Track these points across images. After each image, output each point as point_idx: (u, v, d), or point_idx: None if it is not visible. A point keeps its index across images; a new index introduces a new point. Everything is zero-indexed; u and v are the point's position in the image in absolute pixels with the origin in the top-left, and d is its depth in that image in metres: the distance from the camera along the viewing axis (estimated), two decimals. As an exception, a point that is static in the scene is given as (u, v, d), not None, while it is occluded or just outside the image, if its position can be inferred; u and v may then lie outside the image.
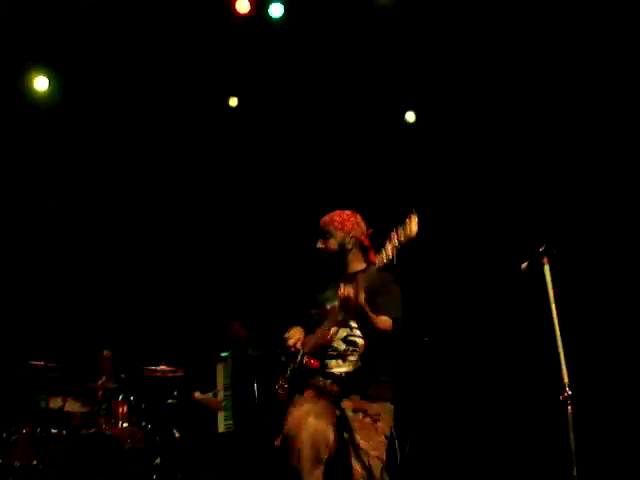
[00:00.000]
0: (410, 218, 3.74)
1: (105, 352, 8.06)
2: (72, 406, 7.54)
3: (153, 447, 7.44)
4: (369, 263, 4.16)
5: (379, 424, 4.03)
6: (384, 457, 4.00)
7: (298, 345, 4.22)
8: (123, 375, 7.82)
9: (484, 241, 7.74)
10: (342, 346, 4.15)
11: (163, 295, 8.93)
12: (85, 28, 7.58)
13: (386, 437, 4.05)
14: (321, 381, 4.13)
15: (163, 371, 7.55)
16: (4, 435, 7.22)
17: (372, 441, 3.96)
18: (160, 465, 7.33)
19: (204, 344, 8.20)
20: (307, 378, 4.14)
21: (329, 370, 4.14)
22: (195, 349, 8.26)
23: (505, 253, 6.16)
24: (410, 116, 8.42)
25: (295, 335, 4.30)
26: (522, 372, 7.03)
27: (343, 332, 4.14)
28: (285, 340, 4.29)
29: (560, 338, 3.74)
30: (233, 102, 8.47)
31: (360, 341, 4.13)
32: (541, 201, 7.28)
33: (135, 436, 7.41)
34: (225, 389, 7.51)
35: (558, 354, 3.72)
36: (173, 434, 7.57)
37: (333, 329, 4.11)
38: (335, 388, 4.09)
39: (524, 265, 4.01)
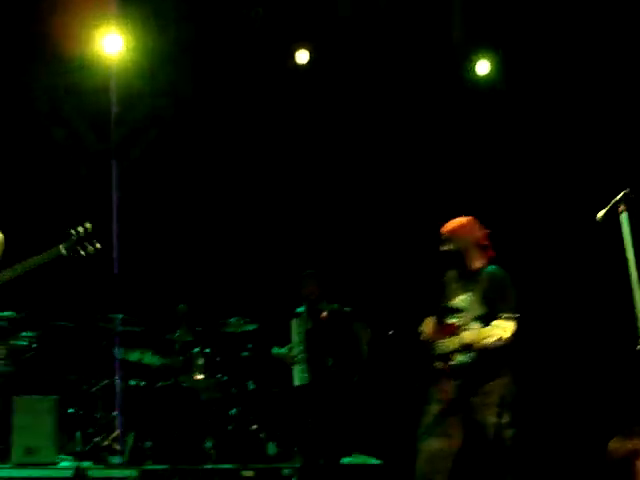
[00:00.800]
0: None
1: (182, 306, 8.20)
2: (150, 359, 7.72)
3: (229, 398, 7.57)
4: (487, 260, 4.75)
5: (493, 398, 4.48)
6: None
7: (431, 336, 4.69)
8: (199, 328, 7.94)
9: (561, 190, 7.59)
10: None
11: (240, 249, 8.97)
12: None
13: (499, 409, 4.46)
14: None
15: (237, 325, 7.66)
16: (85, 387, 7.45)
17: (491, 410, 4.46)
18: (236, 416, 7.45)
19: (279, 299, 8.23)
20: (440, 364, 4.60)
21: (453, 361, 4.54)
22: (270, 304, 8.32)
23: (581, 202, 5.98)
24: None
25: (429, 326, 4.78)
26: (598, 322, 6.92)
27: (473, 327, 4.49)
28: (420, 332, 4.82)
29: (637, 288, 3.63)
30: None
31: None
32: (619, 147, 7.08)
33: (211, 387, 7.54)
34: (300, 344, 7.52)
35: (634, 305, 3.61)
36: (248, 386, 7.66)
37: (459, 322, 4.56)
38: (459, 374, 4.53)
39: (600, 214, 3.89)
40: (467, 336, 4.37)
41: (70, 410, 7.34)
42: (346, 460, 7.07)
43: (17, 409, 6.84)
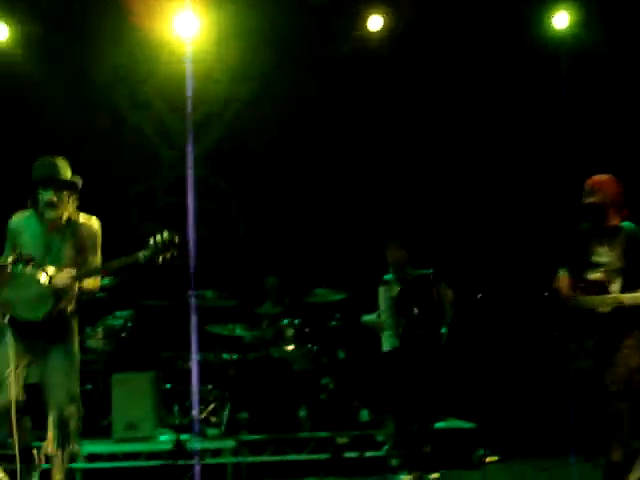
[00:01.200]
0: None
1: (271, 279, 8.30)
2: (241, 332, 7.86)
3: (320, 368, 7.64)
4: (623, 218, 4.93)
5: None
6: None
7: (570, 291, 4.89)
8: (287, 300, 8.02)
9: None
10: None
11: (325, 219, 8.98)
12: None
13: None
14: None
15: (325, 295, 7.70)
16: (180, 363, 7.65)
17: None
18: (328, 384, 7.51)
19: (366, 267, 8.20)
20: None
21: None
22: (357, 273, 8.30)
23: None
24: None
25: (564, 281, 4.96)
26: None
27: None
28: (555, 284, 5.01)
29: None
30: None
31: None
32: None
33: (302, 358, 7.62)
34: (387, 309, 7.48)
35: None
36: (338, 355, 7.71)
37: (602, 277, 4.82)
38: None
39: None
40: (626, 299, 4.68)
41: (167, 385, 7.55)
42: (439, 425, 7.03)
43: (116, 386, 7.09)
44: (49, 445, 4.61)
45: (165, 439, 6.99)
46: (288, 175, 9.03)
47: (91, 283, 4.85)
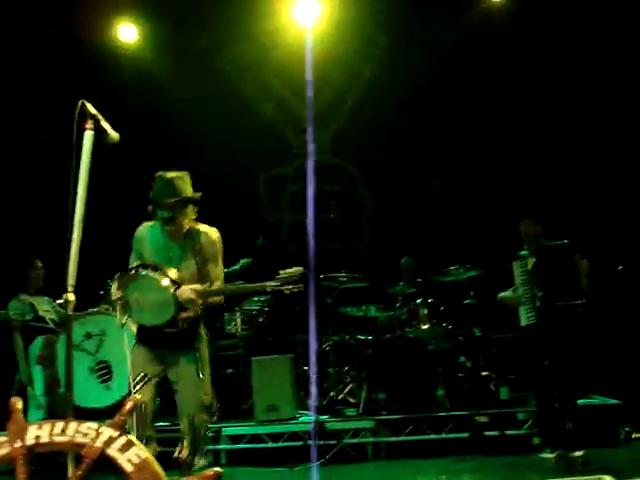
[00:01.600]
0: None
1: (406, 259, 8.27)
2: (375, 313, 7.89)
3: (456, 346, 7.56)
4: None
5: None
6: None
7: None
8: (420, 279, 7.97)
9: None
10: None
11: (457, 196, 8.86)
12: None
13: None
14: None
15: (458, 272, 7.60)
16: (317, 345, 7.75)
17: None
18: (465, 363, 7.43)
19: (499, 243, 8.03)
20: None
21: None
22: (491, 249, 8.15)
23: None
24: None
25: None
26: None
27: None
28: None
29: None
30: None
31: None
32: None
33: (438, 337, 7.57)
34: (523, 283, 7.30)
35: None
36: (474, 333, 7.61)
37: None
38: None
39: None
40: None
41: (304, 367, 7.69)
42: (582, 401, 6.81)
43: (256, 369, 7.29)
44: (182, 451, 4.62)
45: (305, 420, 7.12)
46: (416, 154, 8.96)
47: (215, 299, 4.83)
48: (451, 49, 8.65)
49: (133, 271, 4.61)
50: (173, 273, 4.64)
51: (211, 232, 4.88)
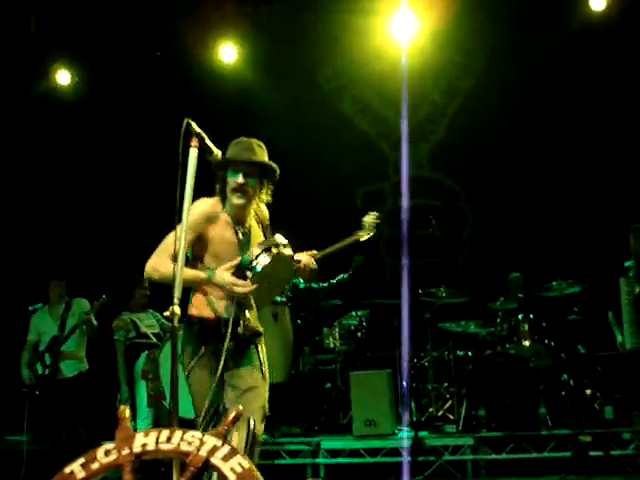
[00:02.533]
0: None
1: (515, 275, 8.10)
2: (475, 328, 7.80)
3: (559, 364, 7.39)
4: None
5: None
6: None
7: None
8: (521, 294, 7.83)
9: None
10: None
11: (558, 208, 8.70)
12: None
13: None
14: None
15: (560, 288, 7.43)
16: (415, 360, 7.73)
17: None
18: (568, 381, 7.25)
19: (604, 257, 7.83)
20: None
21: None
22: (595, 263, 7.95)
23: None
24: None
25: None
26: None
27: None
28: None
29: None
30: None
31: None
32: None
33: (539, 353, 7.41)
34: (629, 304, 7.07)
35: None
36: (578, 350, 7.42)
37: None
38: None
39: None
40: None
41: (403, 383, 7.66)
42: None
43: (354, 384, 7.30)
44: None
45: (404, 436, 7.08)
46: (516, 167, 8.85)
47: None
48: (550, 60, 8.50)
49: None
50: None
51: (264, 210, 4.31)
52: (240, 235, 4.07)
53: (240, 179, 3.98)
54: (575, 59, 8.48)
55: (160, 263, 3.80)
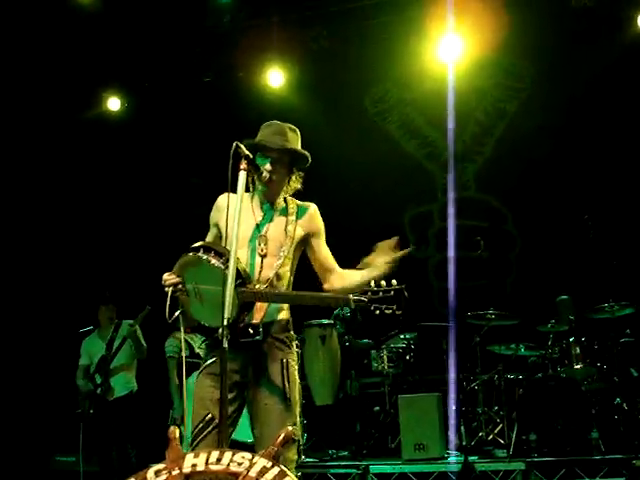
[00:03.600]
0: None
1: (564, 297, 7.99)
2: (525, 351, 7.70)
3: (612, 387, 7.24)
4: None
5: None
6: None
7: None
8: (572, 317, 7.71)
9: None
10: None
11: (609, 229, 8.57)
12: None
13: None
14: None
15: (612, 309, 7.31)
16: (464, 384, 7.65)
17: None
18: (621, 404, 7.10)
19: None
20: None
21: None
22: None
23: None
24: None
25: None
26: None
27: None
28: None
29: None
30: None
31: None
32: None
33: (591, 377, 7.28)
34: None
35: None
36: (631, 373, 7.27)
37: None
38: None
39: None
40: None
41: (453, 407, 7.59)
42: None
43: (403, 407, 7.25)
44: None
45: (454, 460, 7.00)
46: (563, 187, 8.77)
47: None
48: (596, 80, 8.44)
49: (192, 252, 3.66)
50: (242, 263, 3.66)
51: (310, 208, 4.01)
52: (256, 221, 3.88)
53: (268, 166, 3.82)
54: (621, 79, 8.39)
55: None
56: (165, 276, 3.76)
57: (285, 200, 3.99)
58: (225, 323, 3.21)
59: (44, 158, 8.92)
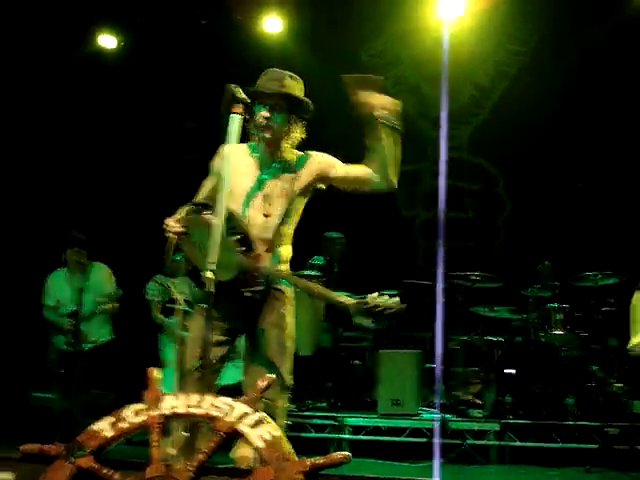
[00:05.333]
0: None
1: (546, 263, 8.02)
2: (507, 314, 7.74)
3: (590, 355, 7.31)
4: None
5: None
6: None
7: None
8: (556, 283, 7.74)
9: None
10: None
11: (599, 199, 8.58)
12: None
13: None
14: None
15: (596, 278, 7.34)
16: (445, 343, 7.68)
17: None
18: (598, 372, 7.17)
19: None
20: None
21: None
22: (633, 255, 7.84)
23: None
24: None
25: None
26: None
27: None
28: None
29: None
30: None
31: None
32: None
33: (571, 343, 7.34)
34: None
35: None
36: (609, 342, 7.33)
37: None
38: None
39: None
40: None
41: (430, 365, 7.64)
42: None
43: (382, 362, 7.29)
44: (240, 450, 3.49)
45: (428, 417, 7.07)
46: (557, 155, 8.73)
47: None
48: (600, 48, 8.36)
49: (203, 214, 3.56)
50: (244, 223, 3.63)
51: (310, 153, 3.88)
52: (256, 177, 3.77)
53: (264, 112, 3.68)
54: (627, 50, 8.32)
55: None
56: (170, 222, 3.67)
57: (286, 153, 3.81)
58: (211, 276, 3.13)
59: (30, 94, 8.73)
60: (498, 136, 8.97)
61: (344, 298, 3.44)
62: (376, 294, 3.40)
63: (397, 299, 3.42)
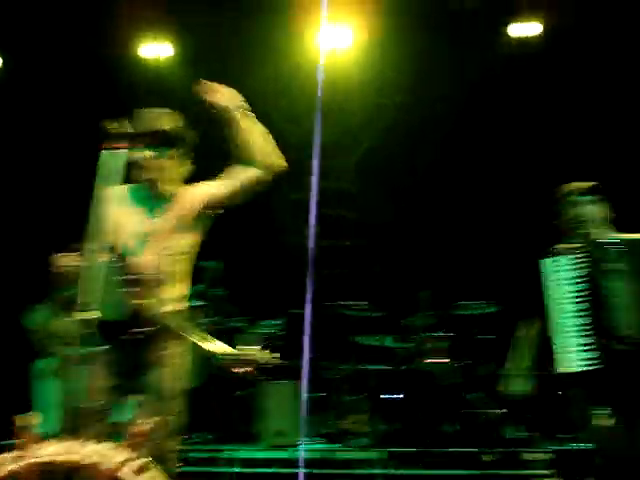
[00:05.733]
0: None
1: (424, 292, 8.18)
2: (391, 343, 7.84)
3: (472, 382, 7.47)
4: None
5: None
6: None
7: None
8: (434, 312, 7.90)
9: None
10: None
11: (477, 230, 8.81)
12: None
13: None
14: None
15: (475, 308, 7.55)
16: (329, 372, 7.72)
17: None
18: (476, 400, 7.34)
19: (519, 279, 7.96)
20: None
21: None
22: (510, 284, 8.08)
23: None
24: None
25: None
26: None
27: None
28: None
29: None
30: None
31: None
32: None
33: (453, 371, 7.49)
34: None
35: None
36: (489, 369, 7.52)
37: None
38: None
39: None
40: None
41: (314, 395, 7.62)
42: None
43: (262, 394, 7.34)
44: None
45: (313, 447, 7.04)
46: (439, 186, 8.96)
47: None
48: (479, 82, 8.64)
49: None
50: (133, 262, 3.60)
51: (188, 186, 3.77)
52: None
53: (141, 153, 3.61)
54: (500, 82, 8.64)
55: None
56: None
57: (172, 188, 3.73)
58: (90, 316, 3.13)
59: None
60: (380, 166, 9.11)
61: (215, 347, 3.42)
62: (250, 347, 3.56)
63: (268, 353, 3.53)
